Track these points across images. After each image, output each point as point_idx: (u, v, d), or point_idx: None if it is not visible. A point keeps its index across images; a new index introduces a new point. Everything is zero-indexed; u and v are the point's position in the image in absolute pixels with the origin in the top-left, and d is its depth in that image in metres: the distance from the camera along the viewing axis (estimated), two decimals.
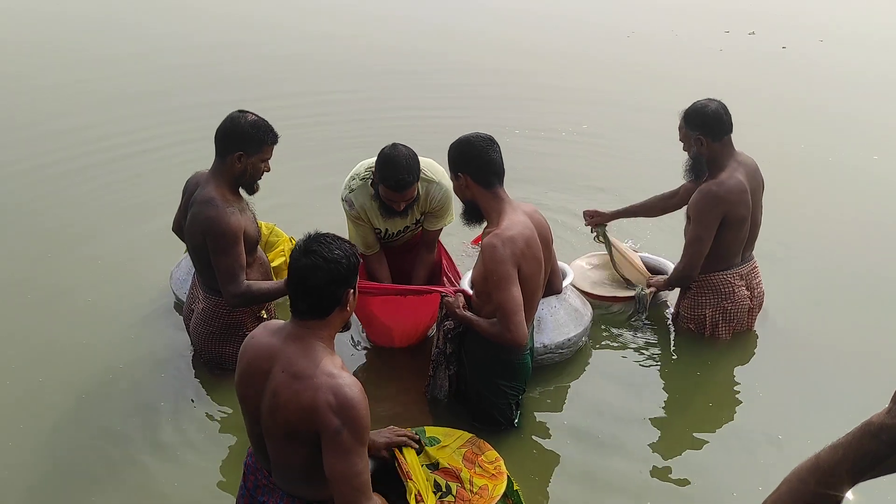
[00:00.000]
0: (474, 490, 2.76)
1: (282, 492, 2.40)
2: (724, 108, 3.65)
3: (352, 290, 2.32)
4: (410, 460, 2.73)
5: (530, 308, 3.08)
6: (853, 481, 1.52)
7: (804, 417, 3.50)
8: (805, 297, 4.42)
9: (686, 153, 3.75)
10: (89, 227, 5.22)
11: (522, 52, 9.90)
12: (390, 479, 2.66)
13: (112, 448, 3.34)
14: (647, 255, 4.41)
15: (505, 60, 9.50)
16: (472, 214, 3.17)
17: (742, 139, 3.69)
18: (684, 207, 3.86)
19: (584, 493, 3.13)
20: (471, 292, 3.28)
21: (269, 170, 3.39)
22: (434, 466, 2.84)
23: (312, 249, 2.25)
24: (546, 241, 3.14)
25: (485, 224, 3.15)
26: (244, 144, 3.25)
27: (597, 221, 4.25)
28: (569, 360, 3.85)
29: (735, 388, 3.76)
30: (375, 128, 6.77)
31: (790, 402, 3.63)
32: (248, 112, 3.32)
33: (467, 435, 3.01)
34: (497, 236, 2.92)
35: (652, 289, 4.05)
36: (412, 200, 3.53)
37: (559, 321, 3.75)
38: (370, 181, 3.58)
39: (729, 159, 3.67)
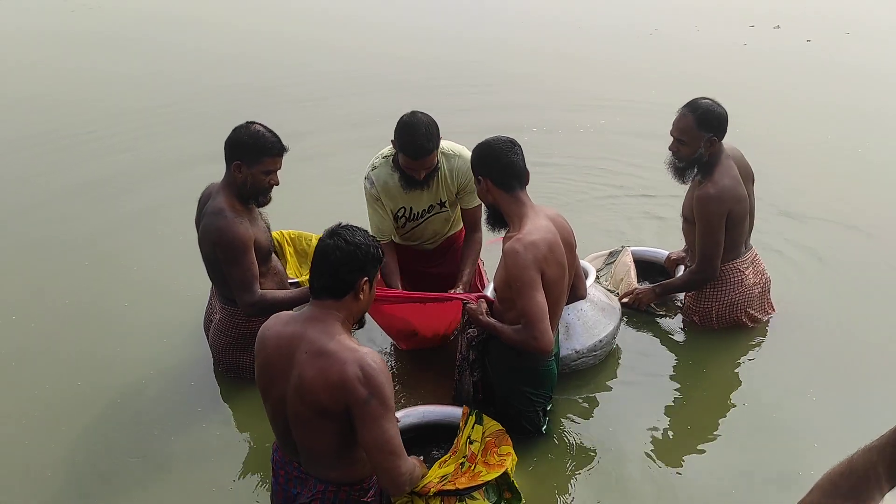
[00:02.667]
0: (474, 471, 2.81)
1: (314, 479, 2.45)
2: (720, 104, 3.65)
3: (366, 280, 2.40)
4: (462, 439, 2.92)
5: (555, 314, 3.02)
6: (889, 485, 1.48)
7: (858, 427, 3.37)
8: (837, 294, 4.38)
9: (674, 152, 3.69)
10: (122, 238, 5.30)
11: (543, 55, 9.88)
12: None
13: (143, 451, 3.39)
14: (642, 248, 4.45)
15: (522, 65, 9.49)
16: (496, 219, 3.14)
17: (766, 132, 3.65)
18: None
19: (610, 501, 3.07)
20: (493, 298, 3.25)
21: (276, 182, 3.38)
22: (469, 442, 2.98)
23: (338, 233, 2.40)
24: (569, 245, 3.09)
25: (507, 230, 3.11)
26: (241, 154, 3.26)
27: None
28: (600, 362, 3.79)
29: (781, 396, 3.64)
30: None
31: (831, 408, 3.53)
32: (254, 123, 3.32)
33: (499, 427, 3.04)
34: (519, 241, 2.87)
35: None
36: (433, 169, 3.53)
37: (588, 323, 3.68)
38: (391, 157, 3.59)
39: (721, 155, 3.67)
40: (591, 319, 3.69)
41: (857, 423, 3.33)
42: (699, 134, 3.59)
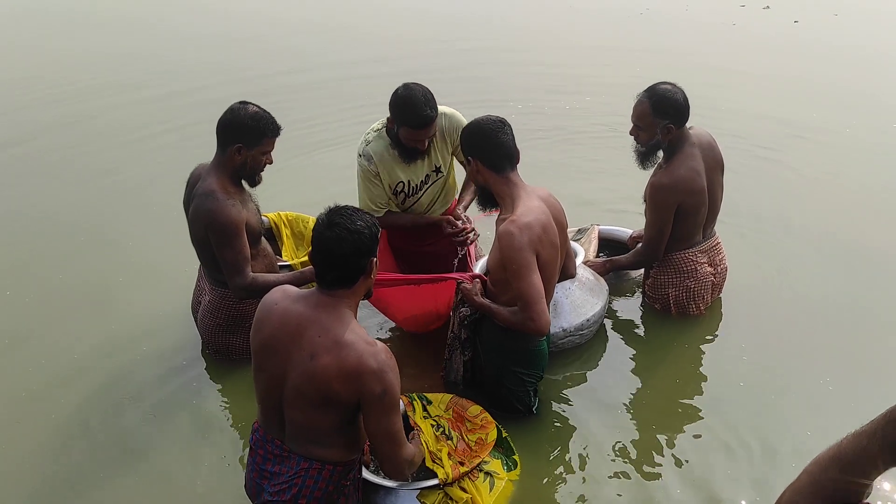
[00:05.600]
0: (472, 445, 2.98)
1: (298, 456, 2.46)
2: (683, 91, 3.62)
3: (374, 259, 2.42)
4: (417, 416, 3.10)
5: (547, 294, 3.02)
6: (877, 471, 1.48)
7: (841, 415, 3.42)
8: (821, 271, 4.42)
9: (634, 137, 3.69)
10: (115, 217, 5.29)
11: (531, 34, 9.83)
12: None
13: (133, 430, 3.41)
14: (609, 227, 4.48)
15: (510, 43, 9.44)
16: (487, 199, 3.13)
17: (750, 112, 3.64)
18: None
19: (604, 484, 3.07)
20: (486, 277, 3.24)
21: (271, 162, 3.36)
22: (437, 427, 3.11)
23: (336, 222, 2.33)
24: (561, 225, 3.09)
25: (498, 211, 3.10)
26: (243, 137, 3.22)
27: None
28: (586, 342, 3.80)
29: (770, 373, 3.65)
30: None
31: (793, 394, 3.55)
32: (249, 103, 3.28)
33: (448, 396, 3.25)
34: (513, 223, 2.86)
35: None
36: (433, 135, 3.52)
37: (575, 302, 3.68)
38: (385, 130, 3.55)
39: (685, 143, 3.65)
40: (579, 299, 3.70)
41: (860, 407, 3.36)
42: (655, 120, 3.58)
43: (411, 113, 3.35)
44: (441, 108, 3.57)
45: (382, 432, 2.36)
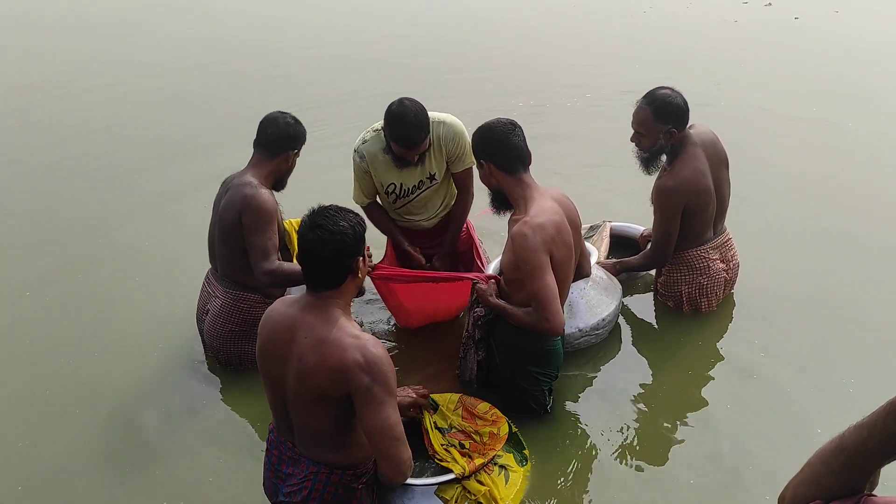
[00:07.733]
0: (485, 440, 2.98)
1: (307, 460, 2.48)
2: (681, 94, 3.66)
3: (361, 258, 2.40)
4: (427, 424, 3.07)
5: (562, 294, 3.03)
6: (880, 463, 1.46)
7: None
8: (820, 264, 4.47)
9: (636, 144, 3.72)
10: (135, 220, 5.36)
11: (533, 31, 9.85)
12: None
13: (150, 430, 3.46)
14: (621, 224, 4.51)
15: (513, 41, 9.46)
16: (500, 201, 3.16)
17: (753, 107, 3.64)
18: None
19: (618, 481, 3.10)
20: (500, 279, 3.25)
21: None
22: (448, 430, 3.11)
23: (318, 224, 2.32)
24: (575, 224, 3.10)
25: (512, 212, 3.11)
26: (296, 142, 3.52)
27: None
28: (602, 341, 3.83)
29: (784, 371, 3.67)
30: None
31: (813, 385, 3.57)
32: (285, 112, 3.54)
33: (456, 395, 3.27)
34: (527, 224, 2.88)
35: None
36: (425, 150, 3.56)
37: (591, 302, 3.71)
38: (383, 132, 3.57)
39: (687, 144, 3.68)
40: (594, 299, 3.73)
41: (874, 403, 3.38)
42: (657, 126, 3.61)
43: (399, 132, 3.40)
44: (440, 116, 3.60)
45: (377, 427, 2.27)
